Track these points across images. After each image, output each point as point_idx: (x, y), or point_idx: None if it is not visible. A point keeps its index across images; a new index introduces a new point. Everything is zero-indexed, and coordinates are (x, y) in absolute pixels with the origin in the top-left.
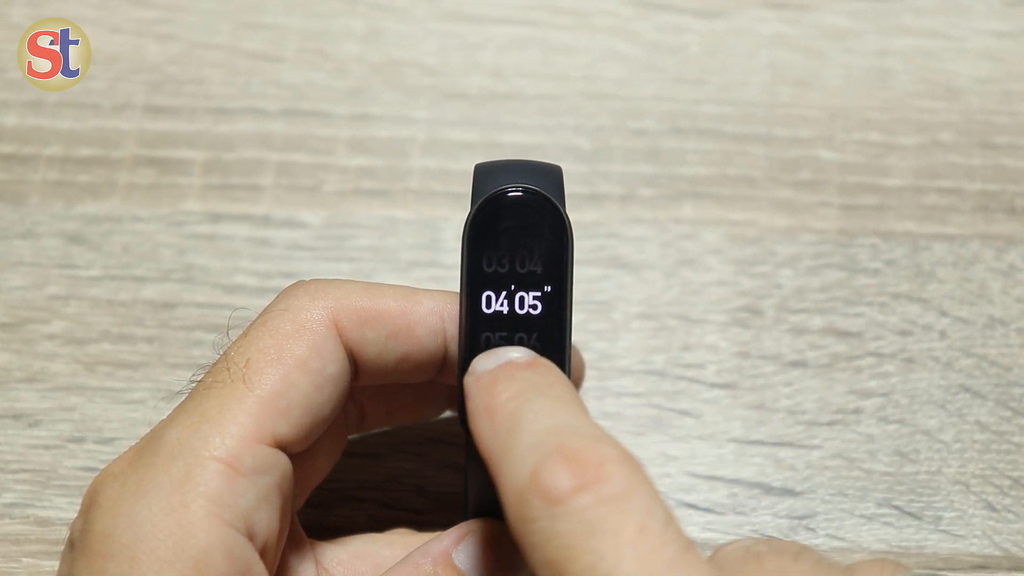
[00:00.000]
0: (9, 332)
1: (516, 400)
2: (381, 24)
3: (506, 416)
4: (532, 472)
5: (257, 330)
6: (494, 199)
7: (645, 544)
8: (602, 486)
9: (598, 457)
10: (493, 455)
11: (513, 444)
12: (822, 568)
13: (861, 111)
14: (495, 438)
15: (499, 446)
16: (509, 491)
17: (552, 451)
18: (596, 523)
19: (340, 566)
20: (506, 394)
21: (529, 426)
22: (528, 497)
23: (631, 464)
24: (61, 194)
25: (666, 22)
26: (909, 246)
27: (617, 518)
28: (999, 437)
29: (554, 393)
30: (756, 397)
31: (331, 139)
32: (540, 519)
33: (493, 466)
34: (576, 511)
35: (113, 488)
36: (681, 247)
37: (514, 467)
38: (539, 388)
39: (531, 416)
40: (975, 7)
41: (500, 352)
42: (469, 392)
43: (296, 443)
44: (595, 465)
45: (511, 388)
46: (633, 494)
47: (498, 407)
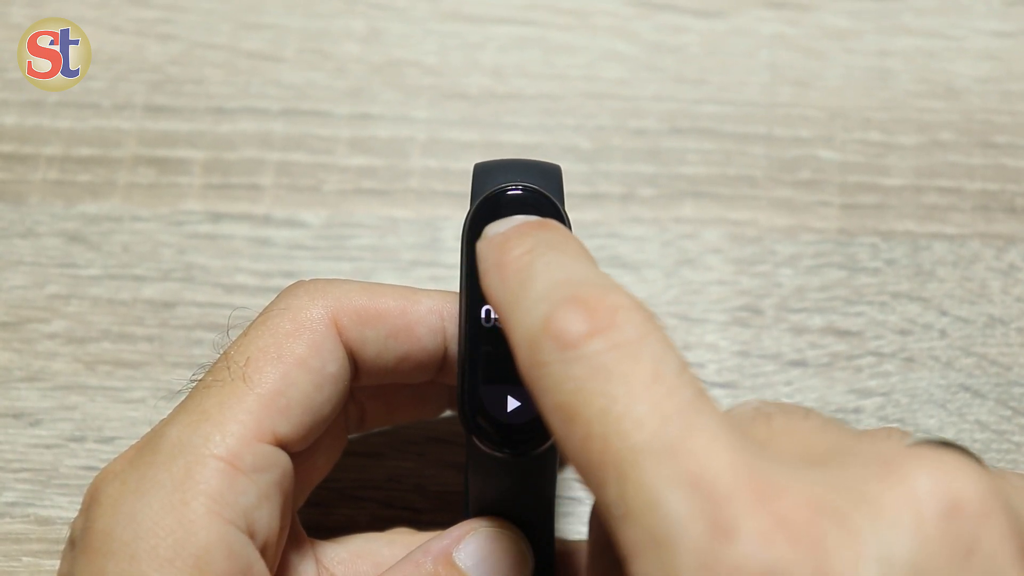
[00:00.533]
0: (10, 331)
1: (528, 255)
2: (381, 24)
3: (518, 269)
4: (545, 318)
5: (257, 329)
6: (493, 197)
7: (658, 388)
8: (615, 332)
9: (611, 304)
10: (504, 306)
11: (525, 294)
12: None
13: (861, 111)
14: (506, 290)
15: (510, 296)
16: (521, 337)
17: (565, 298)
18: (609, 367)
19: (341, 565)
20: (518, 250)
21: (541, 277)
22: (541, 341)
23: (644, 312)
24: (61, 194)
25: (666, 22)
26: (909, 245)
27: (630, 363)
28: (999, 436)
29: (566, 248)
30: (756, 396)
31: (331, 139)
32: (552, 363)
33: (504, 316)
34: (589, 355)
35: (114, 487)
36: (681, 247)
37: (526, 314)
38: (550, 243)
39: (543, 268)
40: (975, 7)
41: (512, 217)
42: (481, 253)
43: (296, 441)
44: (608, 312)
45: (523, 244)
46: (646, 340)
47: (509, 262)
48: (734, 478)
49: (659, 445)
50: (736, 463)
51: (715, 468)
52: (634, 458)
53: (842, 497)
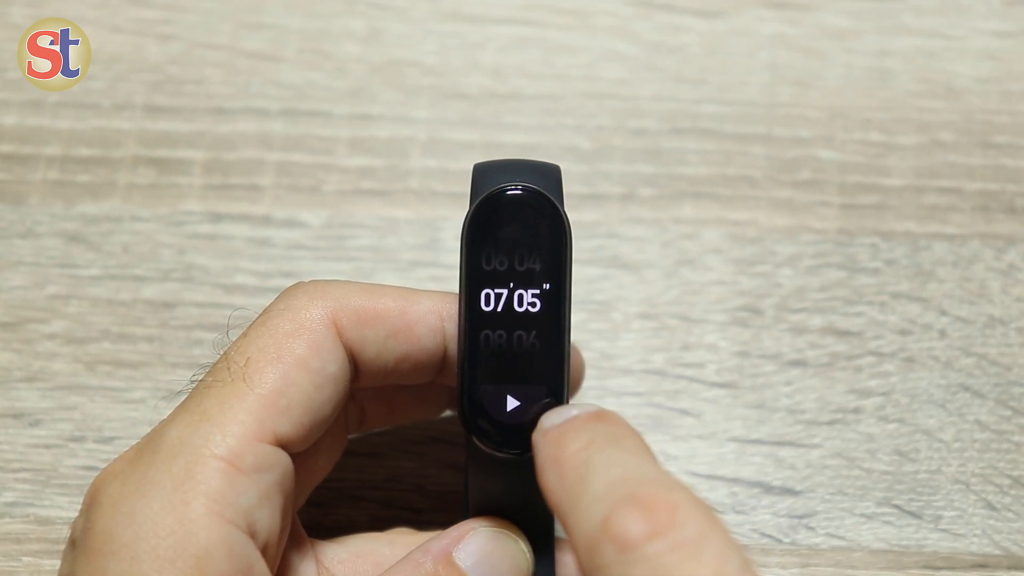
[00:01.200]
0: (9, 331)
1: (586, 451)
2: (381, 24)
3: (575, 466)
4: (604, 519)
5: (257, 330)
6: (492, 198)
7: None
8: (676, 532)
9: (671, 504)
10: (563, 504)
11: (583, 492)
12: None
13: (861, 111)
14: (564, 488)
15: (569, 495)
16: (580, 538)
17: (624, 498)
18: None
19: (341, 565)
20: (575, 445)
21: (600, 475)
22: (600, 543)
23: (704, 510)
24: (61, 194)
25: (666, 22)
26: (909, 245)
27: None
28: (999, 436)
29: (624, 443)
30: (756, 396)
31: (331, 139)
32: (612, 565)
33: (562, 515)
34: (649, 557)
35: (114, 487)
36: (681, 247)
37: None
38: (608, 438)
39: (601, 465)
40: (975, 7)
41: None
42: (537, 446)
43: (297, 442)
44: (668, 511)
45: (580, 439)
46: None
47: (567, 458)
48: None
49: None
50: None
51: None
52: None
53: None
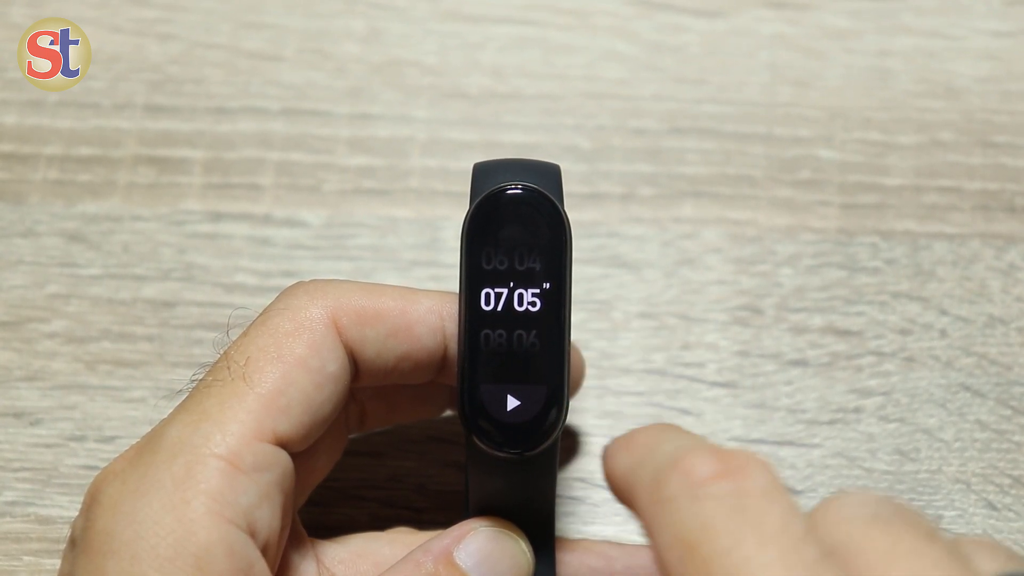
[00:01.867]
0: (10, 331)
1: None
2: (381, 24)
3: (646, 442)
4: (674, 458)
5: (257, 329)
6: (492, 197)
7: (786, 540)
8: (746, 480)
9: (742, 457)
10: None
11: (652, 453)
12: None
13: (861, 111)
14: (632, 457)
15: (636, 459)
16: (645, 480)
17: (696, 446)
18: (740, 510)
19: (341, 564)
20: (645, 434)
21: (670, 442)
22: (668, 476)
23: (773, 471)
24: (61, 193)
25: (666, 22)
26: (909, 245)
27: (760, 511)
28: (999, 436)
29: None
30: (756, 396)
31: (331, 139)
32: (679, 497)
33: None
34: (720, 495)
35: (114, 486)
36: (681, 246)
37: (652, 463)
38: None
39: (672, 437)
40: (975, 7)
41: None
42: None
43: (297, 441)
44: (740, 461)
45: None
46: (776, 493)
47: (637, 439)
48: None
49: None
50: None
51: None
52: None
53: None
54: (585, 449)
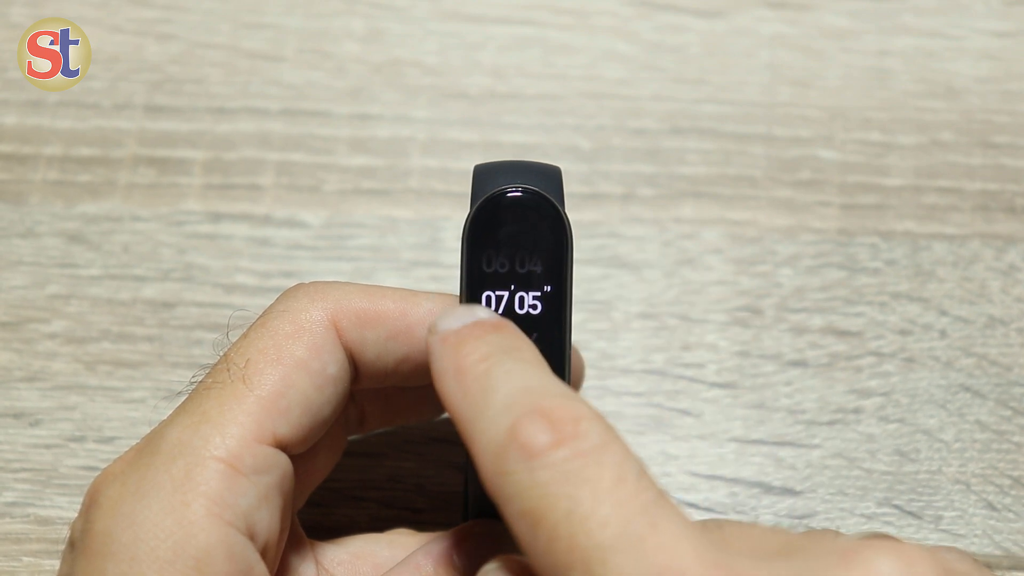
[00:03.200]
0: (10, 331)
1: (486, 362)
2: (381, 24)
3: (477, 377)
4: (509, 428)
5: (257, 331)
6: (493, 199)
7: (622, 491)
8: (579, 441)
9: (573, 414)
10: (465, 415)
11: (487, 404)
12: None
13: (861, 111)
14: (466, 399)
15: (471, 406)
16: (485, 447)
17: (529, 409)
18: (574, 473)
19: (341, 566)
20: (475, 355)
21: (502, 387)
22: (506, 451)
23: (603, 422)
24: (61, 194)
25: (666, 22)
26: (909, 245)
27: (594, 469)
28: (999, 436)
29: (523, 355)
30: (756, 396)
31: (331, 139)
32: (518, 471)
33: (465, 425)
34: (554, 463)
35: (114, 488)
36: (681, 247)
37: (489, 425)
38: (507, 350)
39: (503, 377)
40: (975, 7)
41: (464, 310)
42: (434, 350)
43: (296, 443)
44: (571, 422)
45: (479, 349)
46: (608, 448)
47: (467, 368)
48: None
49: (625, 542)
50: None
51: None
52: (601, 555)
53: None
54: None
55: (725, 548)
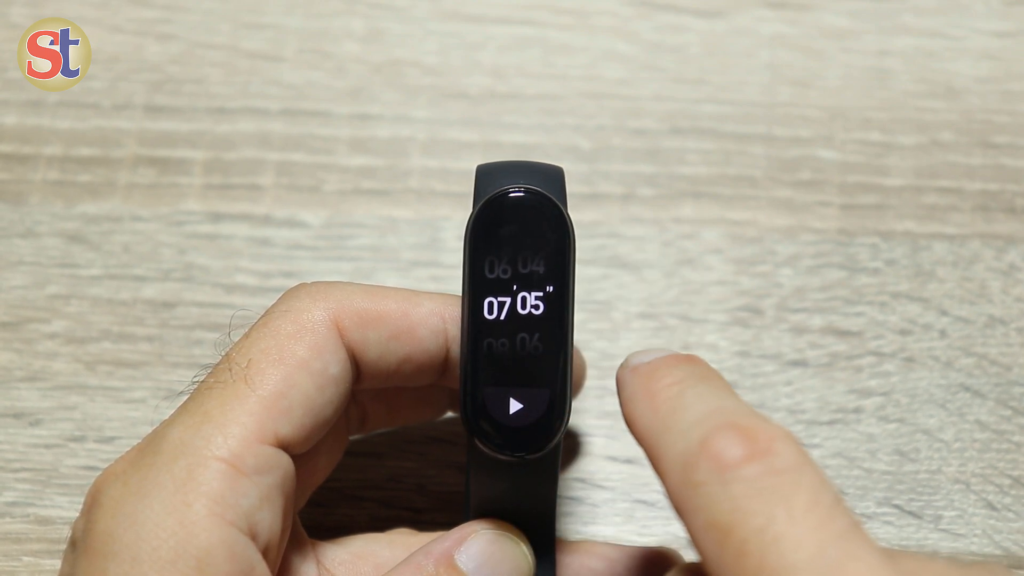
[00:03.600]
0: (10, 331)
1: (679, 385)
2: (381, 24)
3: (669, 397)
4: (702, 440)
5: (259, 331)
6: (496, 200)
7: (817, 514)
8: (774, 459)
9: (768, 434)
10: (654, 430)
11: (677, 420)
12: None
13: (861, 111)
14: (656, 417)
15: (661, 423)
16: (673, 458)
17: (722, 424)
18: (769, 490)
19: (342, 566)
20: (668, 379)
21: (694, 405)
22: (697, 462)
23: (799, 445)
24: (61, 194)
25: (666, 22)
26: (909, 245)
27: (789, 488)
28: (999, 436)
29: (715, 382)
30: (756, 396)
31: (331, 139)
32: (710, 483)
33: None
34: (748, 478)
35: (115, 487)
36: (681, 247)
37: (680, 437)
38: (700, 376)
39: (695, 397)
40: (975, 7)
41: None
42: (625, 381)
43: (298, 443)
44: (766, 440)
45: (672, 375)
46: (804, 469)
47: (660, 390)
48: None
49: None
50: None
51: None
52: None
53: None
54: (585, 450)
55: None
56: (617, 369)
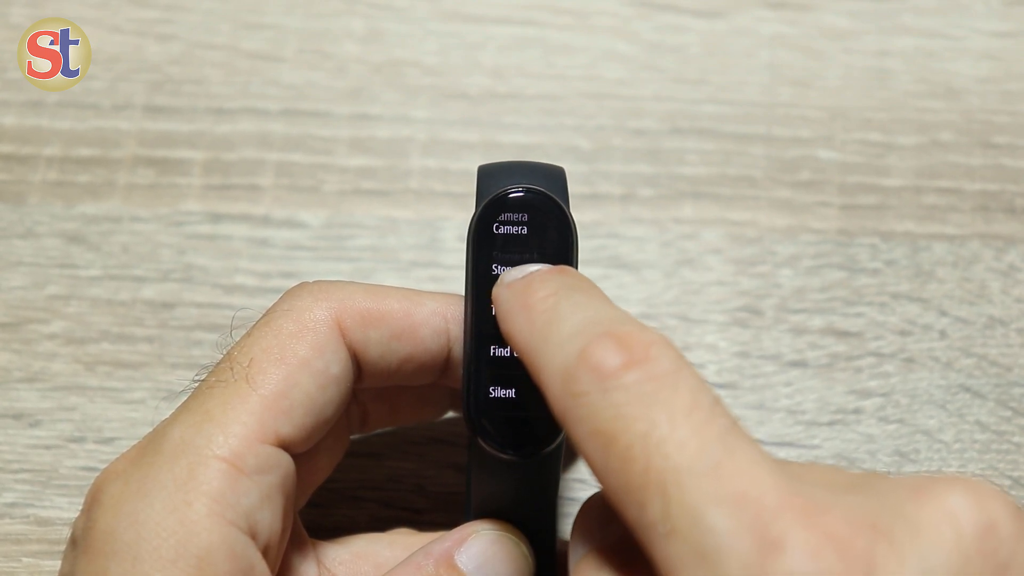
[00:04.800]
0: (9, 332)
1: (554, 296)
2: (381, 24)
3: (545, 309)
4: (581, 351)
5: (260, 330)
6: (498, 200)
7: (697, 415)
8: (652, 364)
9: (645, 340)
10: (533, 344)
11: (555, 332)
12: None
13: (861, 111)
14: (534, 330)
15: (539, 335)
16: (554, 371)
17: (599, 334)
18: (649, 395)
19: (342, 566)
20: (542, 292)
21: (570, 316)
22: (577, 373)
23: (674, 348)
24: (61, 194)
25: (666, 22)
26: (909, 246)
27: (668, 393)
28: (999, 437)
29: (588, 290)
30: (756, 397)
31: (331, 139)
32: (590, 392)
33: (532, 354)
34: (628, 385)
35: (116, 486)
36: (681, 247)
37: (559, 349)
38: (573, 286)
39: (571, 308)
40: (975, 7)
41: (525, 266)
42: (500, 298)
43: (299, 443)
44: (643, 346)
45: (546, 287)
46: (681, 373)
47: (535, 303)
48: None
49: (702, 466)
50: (779, 483)
51: (759, 486)
52: (677, 478)
53: (883, 516)
54: None
55: (801, 478)
56: (492, 288)
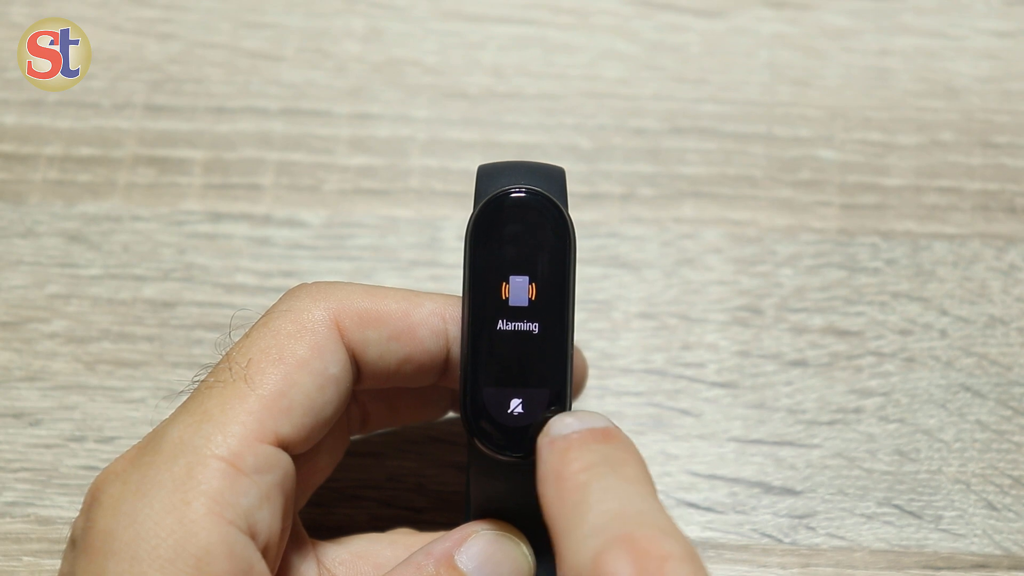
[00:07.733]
0: (10, 331)
1: (587, 473)
2: (381, 23)
3: (575, 488)
4: (595, 555)
5: (259, 330)
6: (497, 200)
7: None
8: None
9: (662, 552)
10: (557, 526)
11: (579, 521)
12: None
13: (861, 111)
14: (562, 509)
15: (564, 519)
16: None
17: (617, 538)
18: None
19: (342, 566)
20: (577, 464)
21: (597, 504)
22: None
23: (695, 564)
24: (61, 193)
25: (666, 22)
26: (909, 245)
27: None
28: (999, 436)
29: (626, 472)
30: (756, 396)
31: (331, 138)
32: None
33: (554, 533)
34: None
35: (115, 486)
36: (681, 246)
37: (577, 545)
38: (612, 464)
39: (600, 493)
40: (975, 7)
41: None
42: (541, 454)
43: (298, 443)
44: (658, 560)
45: (584, 459)
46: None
47: (568, 476)
48: None
49: None
50: None
51: None
52: None
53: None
54: None
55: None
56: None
